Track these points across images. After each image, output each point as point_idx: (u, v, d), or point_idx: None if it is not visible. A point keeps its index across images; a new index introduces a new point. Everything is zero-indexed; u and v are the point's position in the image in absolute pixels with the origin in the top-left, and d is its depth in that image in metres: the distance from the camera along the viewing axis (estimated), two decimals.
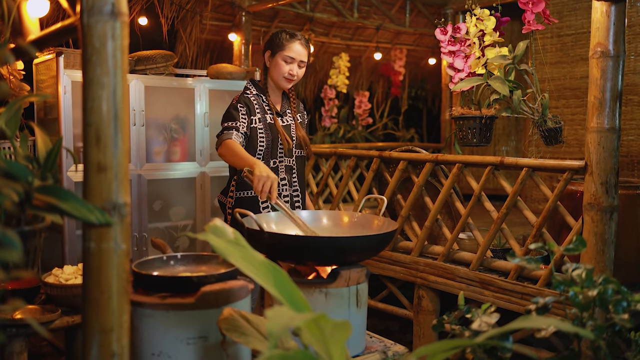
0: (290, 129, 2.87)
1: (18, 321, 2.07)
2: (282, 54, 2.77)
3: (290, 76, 2.79)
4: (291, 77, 2.79)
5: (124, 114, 1.13)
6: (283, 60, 2.77)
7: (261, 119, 2.78)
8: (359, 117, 7.18)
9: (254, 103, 2.80)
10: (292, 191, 2.85)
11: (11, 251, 0.87)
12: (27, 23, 1.42)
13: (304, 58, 2.80)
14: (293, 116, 2.91)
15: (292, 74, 2.78)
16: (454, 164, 3.24)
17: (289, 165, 2.84)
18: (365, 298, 1.99)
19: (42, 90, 3.84)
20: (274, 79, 2.83)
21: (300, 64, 2.80)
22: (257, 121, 2.77)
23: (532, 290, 2.84)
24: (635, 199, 2.88)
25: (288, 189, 2.83)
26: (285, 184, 2.82)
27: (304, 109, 3.07)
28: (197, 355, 1.58)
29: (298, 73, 2.81)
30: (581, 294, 1.27)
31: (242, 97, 2.82)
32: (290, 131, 2.86)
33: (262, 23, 6.14)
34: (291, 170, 2.85)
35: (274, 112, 2.83)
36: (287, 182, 2.83)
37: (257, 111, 2.79)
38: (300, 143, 2.88)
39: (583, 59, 4.78)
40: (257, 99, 2.82)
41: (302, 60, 2.80)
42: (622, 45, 2.47)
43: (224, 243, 1.35)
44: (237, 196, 2.79)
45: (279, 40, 2.79)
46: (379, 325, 4.19)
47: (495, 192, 4.04)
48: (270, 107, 2.83)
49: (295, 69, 2.79)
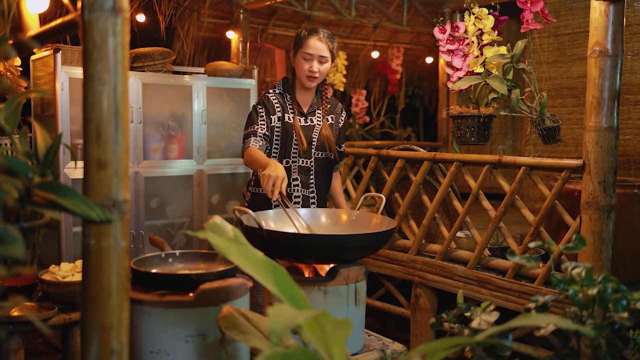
0: (314, 129, 2.81)
1: (15, 318, 2.06)
2: (302, 52, 2.73)
3: (311, 73, 2.72)
4: (312, 74, 2.73)
5: (125, 111, 1.12)
6: (303, 58, 2.73)
7: (280, 117, 2.76)
8: (356, 115, 7.18)
9: (274, 102, 2.79)
10: (309, 192, 2.81)
11: (13, 247, 0.86)
12: (26, 19, 1.41)
13: (323, 53, 2.72)
14: (324, 116, 2.85)
15: (312, 70, 2.72)
16: (451, 162, 3.24)
17: (304, 167, 2.79)
18: (364, 296, 1.99)
19: (39, 86, 3.82)
20: (298, 77, 2.80)
21: (321, 59, 2.72)
22: (276, 120, 2.76)
23: (529, 288, 2.85)
24: (632, 198, 2.88)
25: (301, 189, 2.79)
26: (297, 185, 2.78)
27: (342, 110, 2.99)
28: (196, 353, 1.58)
29: (320, 69, 2.73)
30: (581, 293, 1.27)
31: (263, 97, 2.82)
32: (313, 132, 2.81)
33: (260, 21, 6.14)
34: (307, 172, 2.80)
35: (296, 112, 2.79)
36: (300, 183, 2.78)
37: (278, 110, 2.77)
38: (324, 145, 2.81)
39: (580, 58, 4.79)
40: (279, 98, 2.81)
41: (322, 55, 2.72)
42: (620, 44, 2.48)
43: (223, 241, 1.35)
44: (253, 191, 2.84)
45: (298, 37, 2.76)
46: (376, 323, 4.19)
47: (492, 190, 4.04)
48: (294, 106, 2.79)
49: (316, 66, 2.72)
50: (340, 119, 2.95)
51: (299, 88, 2.84)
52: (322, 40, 2.72)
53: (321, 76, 2.76)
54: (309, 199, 2.82)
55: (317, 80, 2.77)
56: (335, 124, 2.91)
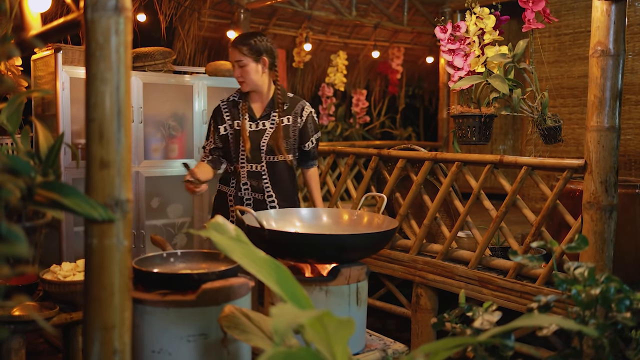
0: (264, 134, 2.83)
1: (17, 318, 2.06)
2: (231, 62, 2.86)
3: (237, 79, 2.83)
4: (238, 79, 2.83)
5: (127, 110, 1.12)
6: (233, 67, 2.86)
7: (231, 125, 2.86)
8: (357, 115, 7.17)
9: (224, 111, 2.89)
10: (264, 197, 2.84)
11: (18, 246, 0.86)
12: (28, 18, 1.41)
13: (237, 57, 2.79)
14: (279, 117, 2.83)
15: (236, 76, 2.83)
16: (453, 162, 3.24)
17: (254, 171, 2.83)
18: (365, 296, 1.99)
19: (39, 86, 3.82)
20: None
21: (239, 63, 2.79)
22: (224, 129, 2.87)
23: (531, 288, 2.85)
24: (633, 198, 2.88)
25: (251, 193, 2.84)
26: (247, 189, 2.84)
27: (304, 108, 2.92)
28: (198, 352, 1.58)
29: (243, 73, 2.80)
30: (584, 293, 1.27)
31: (216, 108, 2.95)
32: (263, 136, 2.82)
33: (261, 20, 6.13)
34: (258, 176, 2.83)
35: (246, 117, 2.84)
36: (250, 187, 2.84)
37: (227, 118, 2.88)
38: (273, 149, 2.81)
39: (581, 58, 4.79)
40: (231, 106, 2.90)
41: (237, 59, 2.79)
42: (622, 44, 2.47)
43: (226, 240, 1.35)
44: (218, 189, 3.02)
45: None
46: (377, 323, 4.19)
47: (493, 190, 4.04)
48: (243, 112, 2.85)
49: (238, 71, 2.81)
50: (300, 118, 2.89)
51: (251, 94, 2.90)
52: (234, 46, 2.80)
53: (248, 79, 2.81)
54: (265, 202, 2.84)
55: (246, 84, 2.82)
56: (293, 125, 2.88)
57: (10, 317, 2.05)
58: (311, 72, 7.15)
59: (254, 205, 2.83)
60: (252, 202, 2.85)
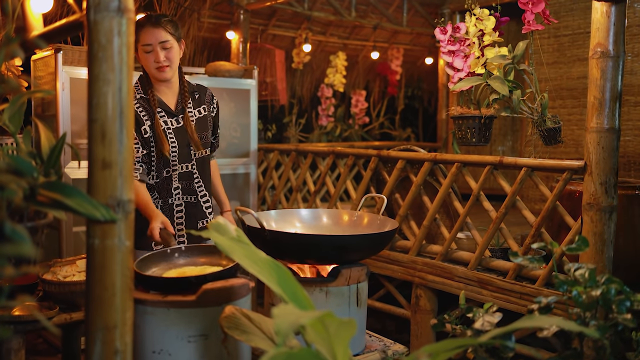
0: (188, 128, 2.48)
1: (17, 318, 2.06)
2: (141, 46, 2.41)
3: (158, 64, 2.39)
4: (161, 64, 2.39)
5: (129, 111, 1.12)
6: (145, 52, 2.40)
7: (151, 125, 2.43)
8: (356, 116, 7.18)
9: (139, 111, 2.43)
10: (197, 198, 2.53)
11: (22, 246, 0.86)
12: (30, 19, 1.41)
13: (163, 37, 2.38)
14: (194, 109, 2.53)
15: (158, 61, 2.39)
16: (452, 163, 3.24)
17: (185, 172, 2.49)
18: (365, 297, 1.99)
19: (39, 86, 3.82)
20: (150, 74, 2.46)
21: (165, 44, 2.39)
22: (145, 131, 2.42)
23: (530, 290, 2.85)
24: (633, 199, 2.89)
25: (182, 197, 2.49)
26: (178, 193, 2.48)
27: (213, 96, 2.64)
28: (198, 353, 1.58)
29: (169, 57, 2.40)
30: (584, 294, 1.27)
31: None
32: (188, 132, 2.48)
33: (260, 21, 6.14)
34: (189, 177, 2.50)
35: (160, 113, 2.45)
36: (181, 190, 2.48)
37: (145, 118, 2.43)
38: (199, 143, 2.50)
39: (580, 59, 4.80)
40: (143, 103, 2.45)
41: (162, 40, 2.38)
42: (622, 45, 2.48)
43: (227, 240, 1.35)
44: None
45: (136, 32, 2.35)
46: (376, 324, 4.19)
47: (493, 191, 4.04)
48: (154, 107, 2.43)
49: (162, 55, 2.39)
50: (212, 107, 2.61)
51: (158, 86, 2.48)
52: (158, 25, 2.40)
53: (172, 64, 2.42)
54: (198, 204, 2.54)
55: (170, 70, 2.42)
56: (209, 115, 2.59)
57: (10, 317, 2.05)
58: (310, 72, 7.16)
59: (186, 210, 2.50)
60: (184, 206, 2.50)
